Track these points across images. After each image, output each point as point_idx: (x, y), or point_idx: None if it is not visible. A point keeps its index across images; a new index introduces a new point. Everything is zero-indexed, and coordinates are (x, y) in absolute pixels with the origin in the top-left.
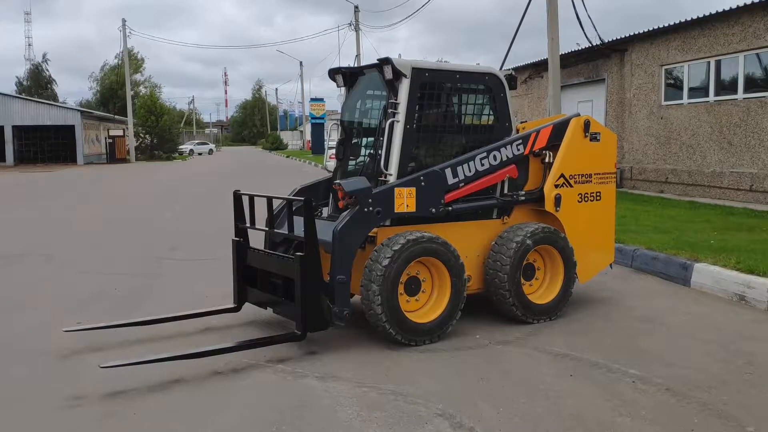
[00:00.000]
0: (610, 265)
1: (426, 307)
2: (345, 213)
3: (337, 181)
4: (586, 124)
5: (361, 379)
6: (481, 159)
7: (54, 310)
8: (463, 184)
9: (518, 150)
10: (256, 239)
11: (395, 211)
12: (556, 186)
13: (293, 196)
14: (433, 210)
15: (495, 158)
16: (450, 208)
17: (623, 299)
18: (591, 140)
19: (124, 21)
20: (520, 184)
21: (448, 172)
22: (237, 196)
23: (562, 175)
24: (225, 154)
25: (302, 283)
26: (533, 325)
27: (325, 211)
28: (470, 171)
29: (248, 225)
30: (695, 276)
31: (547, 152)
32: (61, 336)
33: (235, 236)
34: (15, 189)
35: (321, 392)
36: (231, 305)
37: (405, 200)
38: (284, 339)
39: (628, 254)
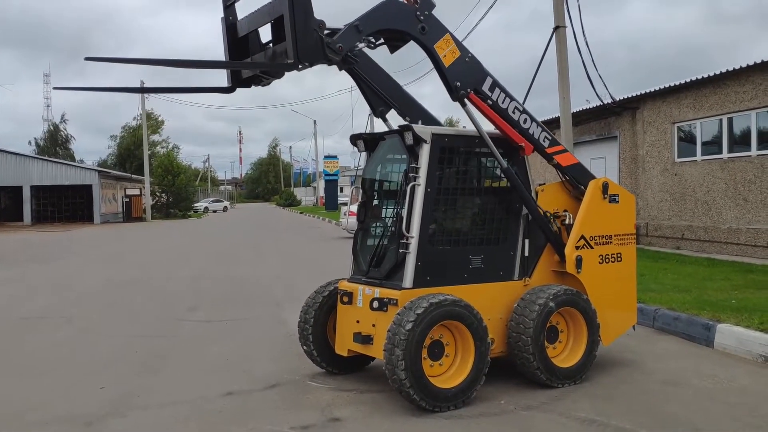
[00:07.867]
0: (633, 326)
1: (450, 371)
2: None
3: None
4: (605, 186)
5: None
6: (516, 107)
7: (76, 374)
8: (490, 102)
9: (543, 141)
10: None
11: (433, 45)
12: (577, 248)
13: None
14: (458, 84)
15: (525, 121)
16: (467, 103)
17: (647, 361)
18: (610, 202)
19: (142, 83)
20: (541, 245)
21: (488, 81)
22: None
23: (582, 237)
24: (239, 211)
25: (291, 7)
26: (558, 389)
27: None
28: (502, 103)
29: None
30: (718, 337)
31: (567, 214)
32: (84, 401)
33: (224, 10)
34: (32, 249)
35: None
36: (226, 85)
37: (447, 50)
38: (279, 66)
39: (649, 314)
